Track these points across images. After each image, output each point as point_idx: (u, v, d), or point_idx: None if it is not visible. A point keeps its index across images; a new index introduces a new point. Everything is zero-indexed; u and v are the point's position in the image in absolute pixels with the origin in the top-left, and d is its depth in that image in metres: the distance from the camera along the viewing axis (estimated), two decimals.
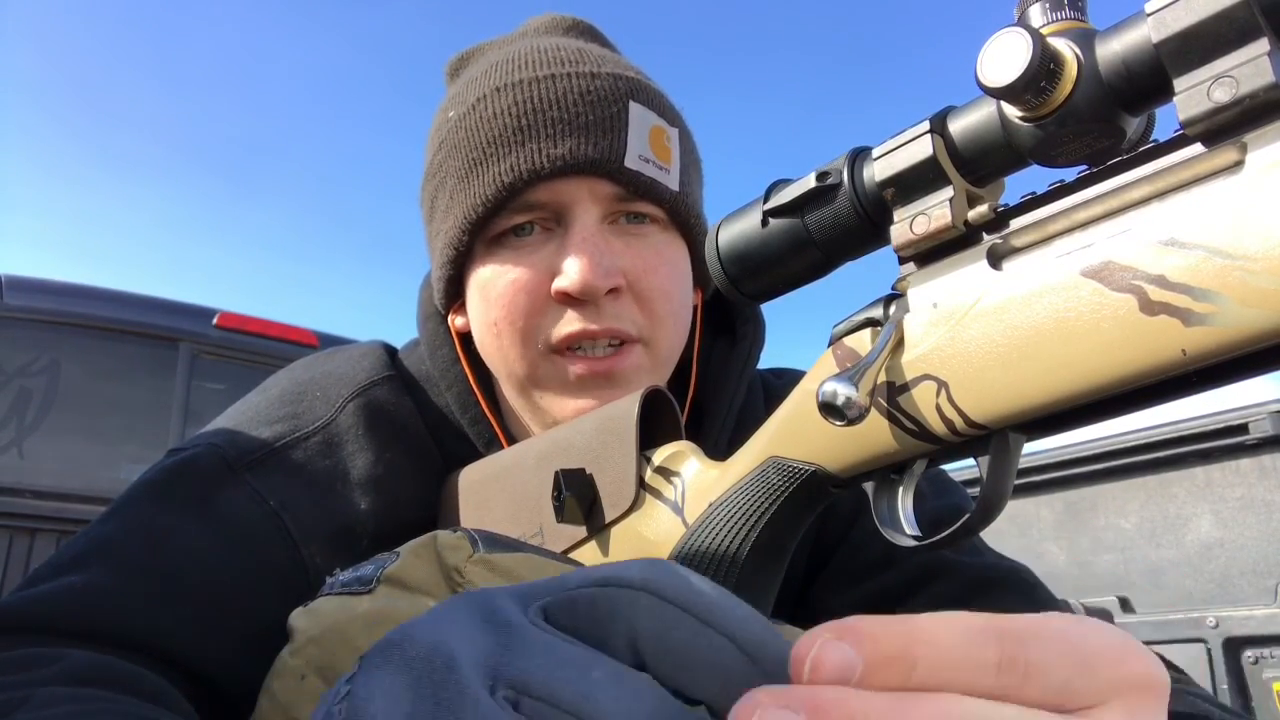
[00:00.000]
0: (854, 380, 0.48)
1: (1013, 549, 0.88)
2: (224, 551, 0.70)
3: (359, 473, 0.78)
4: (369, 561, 0.62)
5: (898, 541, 0.54)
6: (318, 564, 0.72)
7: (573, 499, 0.67)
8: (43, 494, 2.96)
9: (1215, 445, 2.61)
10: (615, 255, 0.78)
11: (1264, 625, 2.33)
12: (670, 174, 0.81)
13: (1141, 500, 2.80)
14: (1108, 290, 0.42)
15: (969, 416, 0.47)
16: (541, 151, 0.77)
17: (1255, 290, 0.37)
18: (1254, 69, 0.38)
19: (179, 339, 3.36)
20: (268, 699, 0.60)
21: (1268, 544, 2.50)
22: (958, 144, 0.48)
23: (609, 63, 0.83)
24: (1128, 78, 0.42)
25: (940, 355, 0.48)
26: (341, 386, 0.83)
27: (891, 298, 0.54)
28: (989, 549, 0.82)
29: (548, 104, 0.78)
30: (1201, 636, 2.41)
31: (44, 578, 0.66)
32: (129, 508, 0.71)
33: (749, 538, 0.59)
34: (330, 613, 0.59)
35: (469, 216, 0.79)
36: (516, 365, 0.80)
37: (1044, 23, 0.44)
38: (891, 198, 0.51)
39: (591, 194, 0.78)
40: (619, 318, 0.78)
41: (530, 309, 0.78)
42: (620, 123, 0.78)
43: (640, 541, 0.65)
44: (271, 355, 3.42)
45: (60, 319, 3.17)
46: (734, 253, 0.58)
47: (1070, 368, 0.43)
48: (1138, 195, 0.43)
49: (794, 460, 0.57)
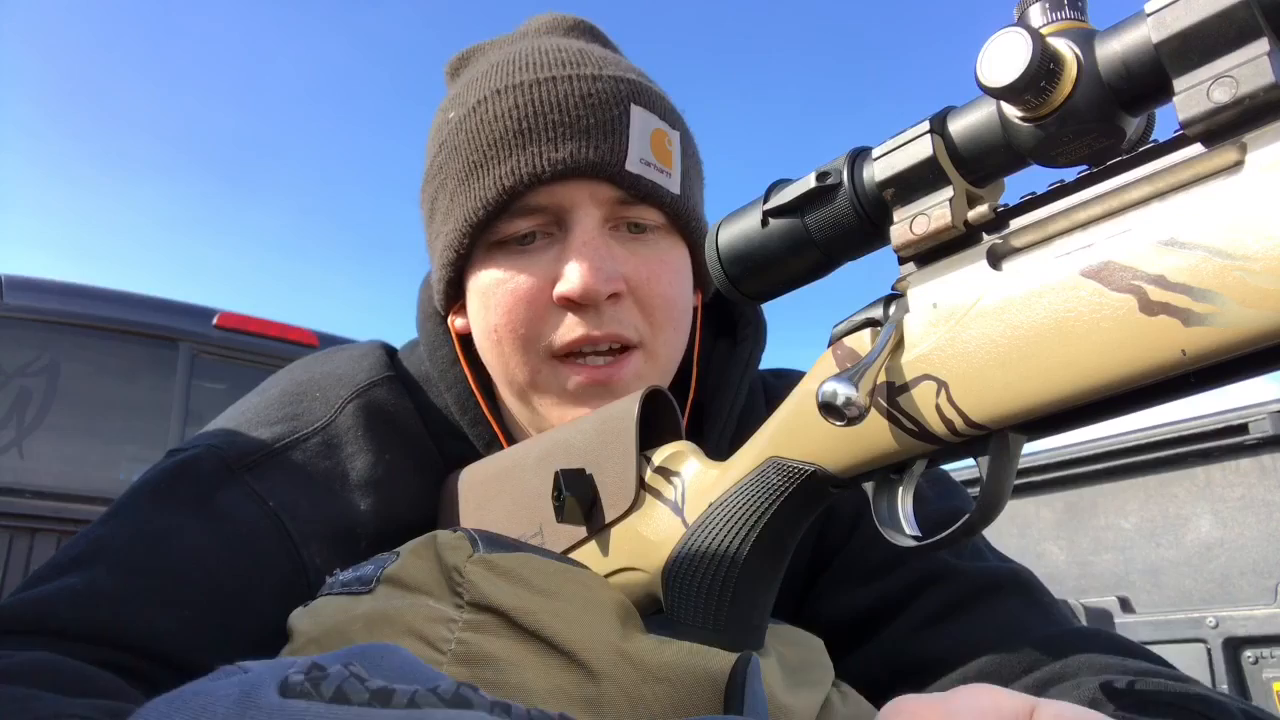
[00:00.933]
0: (854, 380, 0.48)
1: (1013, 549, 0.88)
2: (224, 552, 0.70)
3: (359, 473, 0.78)
4: (369, 561, 0.62)
5: (897, 542, 0.54)
6: (318, 565, 0.72)
7: (573, 499, 0.67)
8: (42, 494, 2.96)
9: (1215, 445, 2.61)
10: (617, 260, 0.78)
11: (1264, 625, 2.33)
12: (672, 177, 0.81)
13: (1141, 500, 2.80)
14: (1108, 290, 0.42)
15: (969, 416, 0.47)
16: (542, 155, 0.76)
17: (1255, 290, 0.37)
18: (1254, 69, 0.38)
19: (179, 339, 3.36)
20: None
21: (1268, 544, 2.50)
22: (958, 144, 0.48)
23: (610, 65, 0.82)
24: (1128, 78, 0.42)
25: (940, 355, 0.48)
26: (341, 387, 0.83)
27: (891, 298, 0.54)
28: (991, 551, 0.82)
29: (549, 107, 0.78)
30: (1201, 636, 2.41)
31: (44, 579, 0.66)
32: (129, 509, 0.71)
33: (749, 538, 0.59)
34: (330, 613, 0.59)
35: (469, 220, 0.79)
36: (517, 371, 0.80)
37: (1044, 23, 0.44)
38: (891, 198, 0.51)
39: (592, 197, 0.78)
40: (620, 323, 0.78)
41: (531, 316, 0.78)
42: (621, 126, 0.78)
43: (640, 542, 0.65)
44: (271, 355, 3.42)
45: (60, 319, 3.17)
46: (734, 253, 0.58)
47: (1070, 368, 0.43)
48: (1138, 195, 0.43)
49: (794, 460, 0.57)
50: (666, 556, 0.62)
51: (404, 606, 0.55)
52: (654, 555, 0.63)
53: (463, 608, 0.54)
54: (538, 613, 0.53)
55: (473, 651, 0.52)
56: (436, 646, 0.53)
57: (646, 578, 0.64)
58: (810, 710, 0.60)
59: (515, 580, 0.55)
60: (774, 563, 0.61)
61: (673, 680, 0.53)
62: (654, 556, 0.63)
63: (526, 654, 0.52)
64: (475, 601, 0.54)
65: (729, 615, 0.59)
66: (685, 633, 0.58)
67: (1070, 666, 0.66)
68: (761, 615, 0.62)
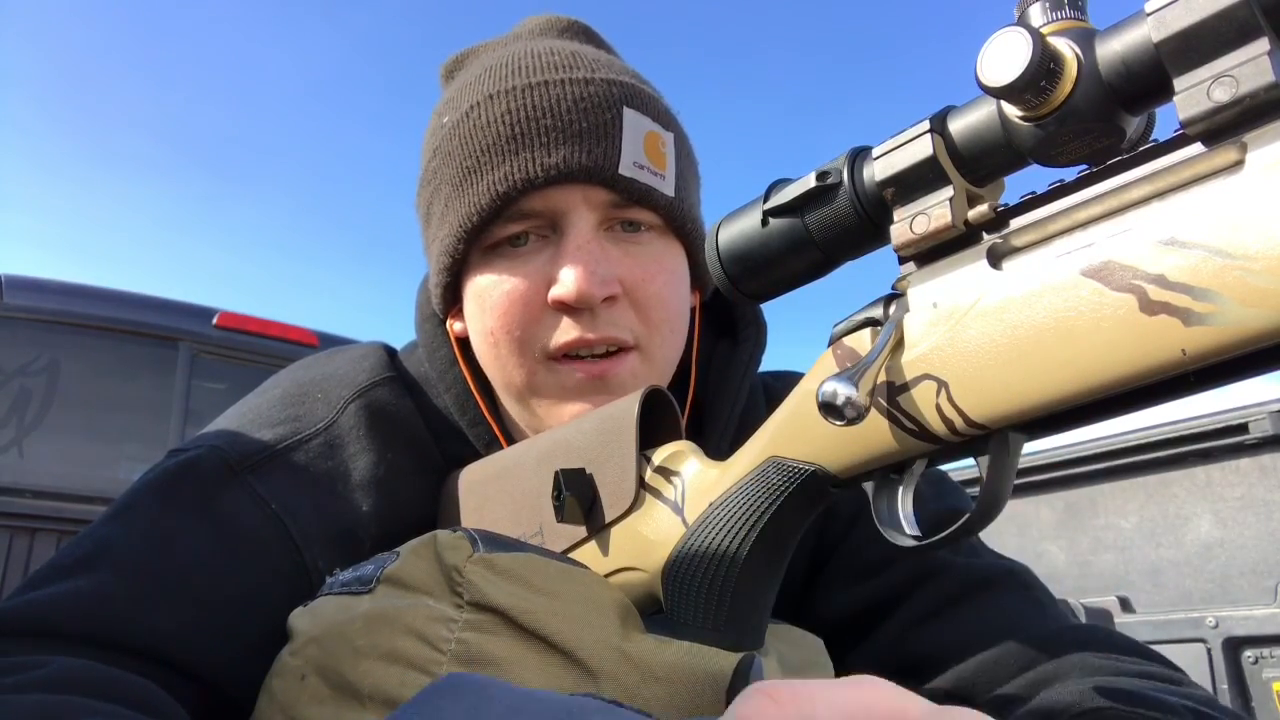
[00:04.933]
0: (854, 380, 0.48)
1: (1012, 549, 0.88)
2: (227, 554, 0.70)
3: (360, 474, 0.78)
4: (369, 561, 0.62)
5: (897, 541, 0.54)
6: (320, 566, 0.72)
7: (573, 499, 0.67)
8: (42, 493, 2.96)
9: (1215, 445, 2.61)
10: (611, 263, 0.78)
11: (1264, 625, 2.33)
12: (665, 180, 0.81)
13: (1141, 500, 2.80)
14: (1108, 290, 0.42)
15: (969, 416, 0.47)
16: (535, 160, 0.76)
17: (1255, 290, 0.37)
18: (1254, 68, 0.38)
19: (179, 338, 3.36)
20: (267, 698, 0.60)
21: (1267, 544, 2.50)
22: (958, 143, 0.48)
23: (603, 68, 0.82)
24: (1128, 77, 0.42)
25: (940, 355, 0.48)
26: (342, 388, 0.83)
27: (891, 297, 0.54)
28: (987, 549, 0.82)
29: (541, 112, 0.78)
30: (1201, 636, 2.41)
31: (46, 580, 0.65)
32: (131, 510, 0.71)
33: (749, 537, 0.59)
34: (330, 613, 0.59)
35: (464, 225, 0.80)
36: (514, 374, 0.80)
37: (1044, 22, 0.44)
38: (891, 197, 0.51)
39: (586, 201, 0.78)
40: (616, 325, 0.78)
41: (526, 319, 0.78)
42: (614, 129, 0.78)
43: (640, 541, 0.65)
44: (271, 355, 3.42)
45: (60, 318, 3.17)
46: (734, 252, 0.58)
47: (1070, 367, 0.43)
48: (1138, 195, 0.43)
49: (794, 460, 0.57)
50: (666, 556, 0.62)
51: (404, 606, 0.55)
52: (654, 555, 0.63)
53: (462, 607, 0.54)
54: (537, 612, 0.53)
55: (472, 651, 0.52)
56: (436, 646, 0.53)
57: (646, 577, 0.64)
58: None
59: (515, 580, 0.55)
60: (774, 562, 0.61)
61: (673, 680, 0.53)
62: (654, 556, 0.63)
63: (526, 654, 0.52)
64: (475, 601, 0.54)
65: (729, 615, 0.59)
66: (685, 632, 0.58)
67: (1064, 666, 0.66)
68: (762, 615, 0.62)
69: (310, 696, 0.56)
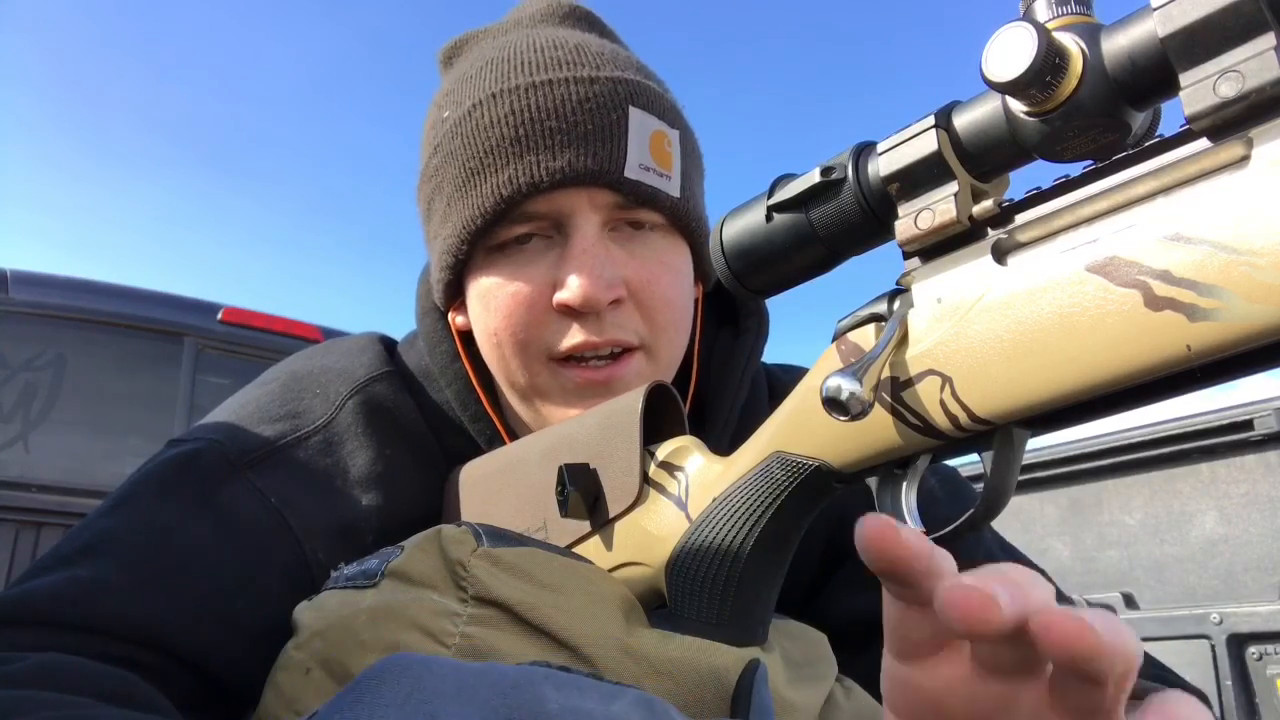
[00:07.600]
0: (858, 375, 0.48)
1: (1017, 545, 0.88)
2: (227, 548, 0.70)
3: (360, 470, 0.78)
4: (374, 555, 0.62)
5: None
6: (320, 560, 0.72)
7: (577, 494, 0.67)
8: (48, 488, 2.97)
9: (1220, 441, 2.60)
10: (617, 265, 0.77)
11: (1268, 621, 2.32)
12: (671, 180, 0.80)
13: (1146, 496, 2.79)
14: (1113, 285, 0.42)
15: (973, 412, 0.47)
16: (540, 164, 0.76)
17: (1261, 286, 0.37)
18: (1260, 64, 0.37)
19: (184, 334, 3.36)
20: (273, 692, 0.60)
21: (1272, 540, 2.50)
22: (963, 139, 0.48)
23: (608, 63, 0.81)
24: (1133, 72, 0.42)
25: (944, 350, 0.48)
26: (340, 383, 0.82)
27: (896, 293, 0.54)
28: (1001, 549, 0.82)
29: (545, 113, 0.77)
30: (1205, 633, 2.41)
31: (48, 569, 0.66)
32: (132, 502, 0.71)
33: (753, 533, 0.59)
34: (335, 607, 0.59)
35: (468, 227, 0.79)
36: (518, 375, 0.80)
37: (1049, 17, 0.44)
38: (896, 193, 0.51)
39: (591, 203, 0.77)
40: (621, 327, 0.78)
41: (531, 321, 0.78)
42: (620, 130, 0.77)
43: (644, 536, 0.65)
44: (276, 350, 3.42)
45: (65, 313, 3.17)
46: (738, 248, 0.58)
47: (1074, 363, 0.43)
48: (1143, 190, 0.43)
49: (798, 455, 0.57)
50: (670, 551, 0.62)
51: (408, 600, 0.55)
52: (658, 550, 0.63)
53: (467, 602, 0.55)
54: (542, 607, 0.54)
55: (477, 645, 0.53)
56: (441, 640, 0.53)
57: (650, 572, 0.64)
58: (814, 705, 0.60)
59: (519, 575, 0.55)
60: (777, 557, 0.61)
61: (676, 675, 0.53)
62: (658, 551, 0.63)
63: (530, 648, 0.53)
64: (479, 596, 0.54)
65: (732, 610, 0.59)
66: (689, 627, 0.59)
67: None
68: (765, 610, 0.62)
69: (315, 690, 0.56)
